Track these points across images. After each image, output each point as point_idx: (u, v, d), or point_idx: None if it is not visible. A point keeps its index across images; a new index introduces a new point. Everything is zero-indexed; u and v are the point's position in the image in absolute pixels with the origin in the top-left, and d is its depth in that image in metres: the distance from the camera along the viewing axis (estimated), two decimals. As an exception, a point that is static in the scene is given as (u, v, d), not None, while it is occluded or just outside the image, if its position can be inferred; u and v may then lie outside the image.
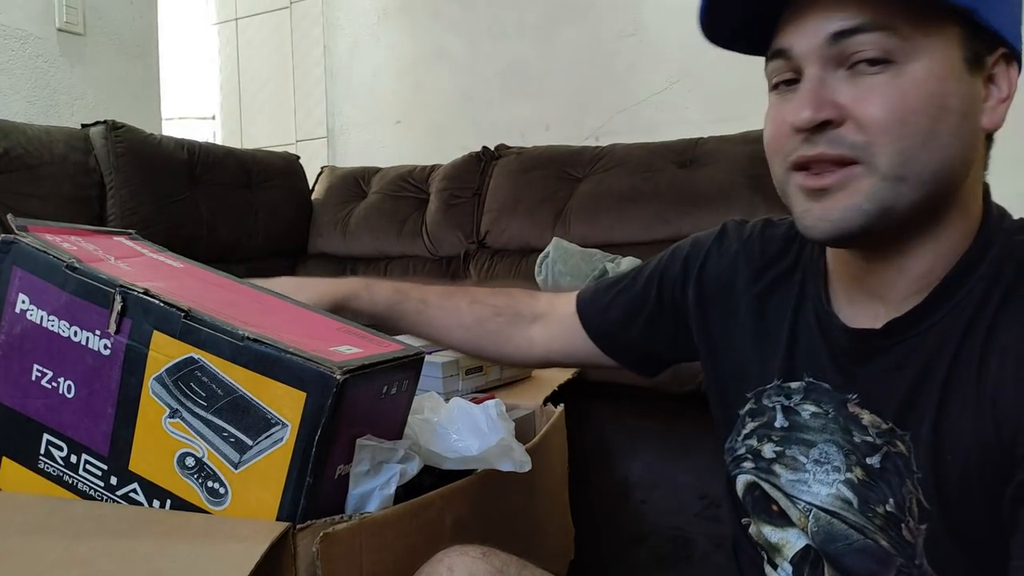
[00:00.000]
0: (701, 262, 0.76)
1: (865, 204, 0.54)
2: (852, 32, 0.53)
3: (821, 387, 0.64)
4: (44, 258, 0.65)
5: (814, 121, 0.54)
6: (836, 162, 0.54)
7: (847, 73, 0.54)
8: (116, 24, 2.39)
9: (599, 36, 2.48)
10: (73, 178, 1.97)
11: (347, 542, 0.58)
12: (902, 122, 0.53)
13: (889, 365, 0.60)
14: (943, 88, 0.54)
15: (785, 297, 0.69)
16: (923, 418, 0.58)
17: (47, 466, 0.66)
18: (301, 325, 0.68)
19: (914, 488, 0.58)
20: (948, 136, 0.54)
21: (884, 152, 0.53)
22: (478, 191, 2.42)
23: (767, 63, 0.59)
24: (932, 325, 0.58)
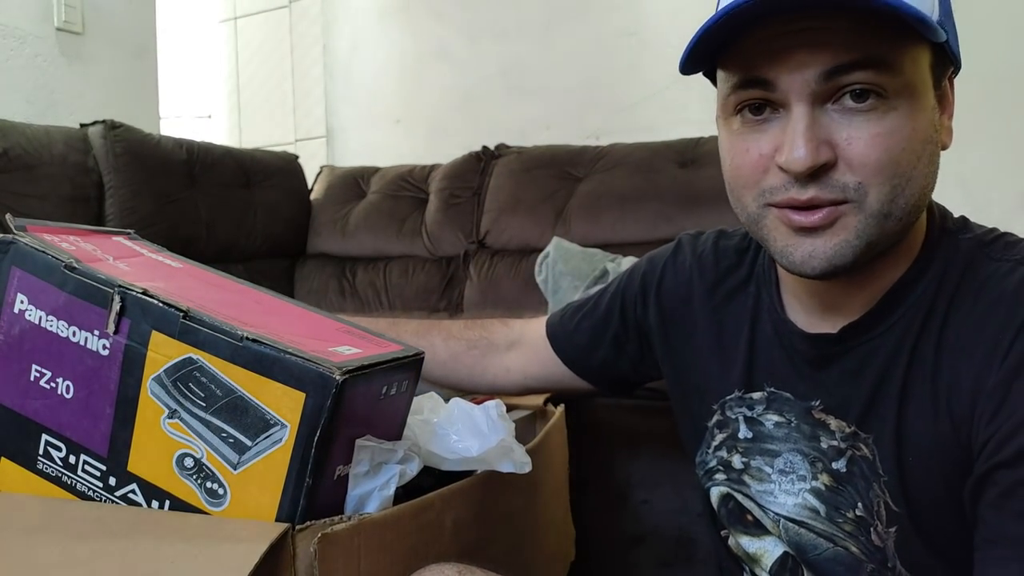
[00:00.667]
0: (658, 279, 0.77)
1: (854, 240, 0.53)
2: (848, 68, 0.51)
3: (782, 396, 0.64)
4: (43, 258, 0.64)
5: (814, 166, 0.51)
6: (828, 205, 0.53)
7: (835, 108, 0.52)
8: (115, 23, 2.38)
9: (599, 35, 2.48)
10: (72, 178, 1.97)
11: (345, 543, 0.58)
12: (893, 162, 0.52)
13: (848, 369, 0.60)
14: (924, 122, 0.53)
15: (741, 308, 0.69)
16: (884, 421, 0.58)
17: (46, 467, 0.65)
18: (301, 325, 0.68)
19: (881, 491, 0.58)
20: (926, 167, 0.55)
21: (875, 191, 0.52)
22: (478, 191, 2.42)
23: (732, 90, 0.55)
24: (887, 328, 0.59)
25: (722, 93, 0.58)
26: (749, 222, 0.58)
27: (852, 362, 0.60)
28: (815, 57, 0.51)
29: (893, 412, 0.57)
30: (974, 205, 2.45)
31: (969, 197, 2.00)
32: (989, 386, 0.52)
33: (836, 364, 0.61)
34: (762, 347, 0.66)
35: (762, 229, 0.57)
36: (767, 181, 0.55)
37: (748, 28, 0.53)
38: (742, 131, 0.56)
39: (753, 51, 0.53)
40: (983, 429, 0.52)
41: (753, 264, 0.70)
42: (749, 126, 0.55)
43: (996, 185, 1.96)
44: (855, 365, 0.60)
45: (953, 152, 2.00)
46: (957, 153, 2.34)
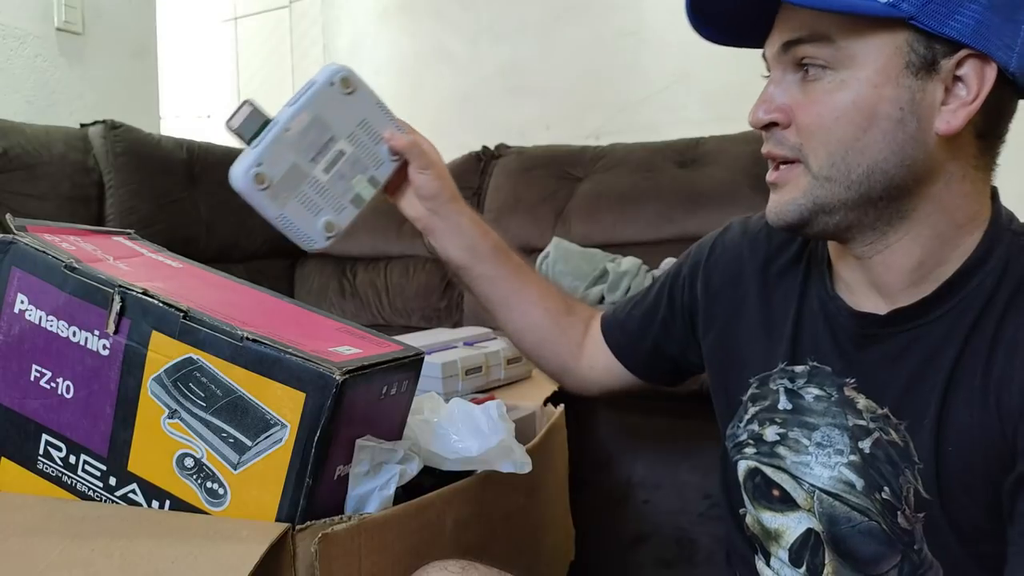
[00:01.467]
0: (707, 256, 0.79)
1: (801, 199, 0.59)
2: (795, 43, 0.58)
3: (824, 371, 0.66)
4: (43, 258, 0.64)
5: (760, 122, 0.61)
6: (782, 160, 0.61)
7: (798, 77, 0.59)
8: (115, 23, 2.38)
9: (599, 35, 2.48)
10: (72, 178, 1.97)
11: (346, 543, 0.58)
12: (826, 128, 0.57)
13: (890, 353, 0.61)
14: (873, 97, 0.56)
15: (791, 285, 0.71)
16: (924, 409, 0.59)
17: (46, 466, 0.65)
18: (300, 325, 0.68)
19: (914, 478, 0.59)
20: (879, 141, 0.57)
21: (814, 154, 0.58)
22: (478, 191, 2.42)
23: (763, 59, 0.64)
24: (938, 317, 0.60)
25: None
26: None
27: (895, 347, 0.61)
28: (779, 31, 0.60)
29: (936, 401, 0.58)
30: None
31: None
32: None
33: (878, 346, 0.62)
34: (807, 322, 0.68)
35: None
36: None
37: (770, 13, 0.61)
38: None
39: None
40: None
41: (804, 242, 0.72)
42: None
43: (995, 185, 1.95)
44: (897, 350, 0.61)
45: (953, 152, 1.92)
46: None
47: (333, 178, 0.75)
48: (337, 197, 0.76)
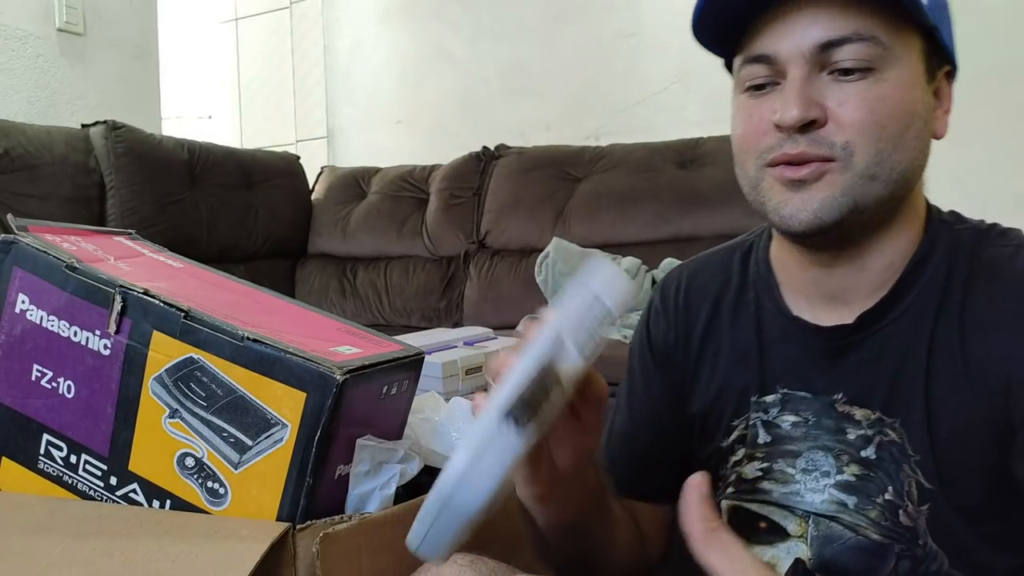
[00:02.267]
0: (647, 338, 0.76)
1: (840, 197, 0.57)
2: (840, 43, 0.56)
3: (796, 396, 0.65)
4: (44, 258, 0.64)
5: (803, 120, 0.56)
6: (816, 160, 0.57)
7: (828, 77, 0.57)
8: (116, 24, 2.39)
9: (599, 36, 2.49)
10: (73, 178, 1.97)
11: (346, 542, 0.58)
12: (879, 125, 0.56)
13: (867, 357, 0.62)
14: (912, 95, 0.58)
15: (746, 317, 0.70)
16: (911, 403, 0.60)
17: (47, 466, 0.65)
18: (301, 325, 0.68)
19: (912, 471, 0.60)
20: (914, 139, 0.58)
21: (861, 152, 0.56)
22: (478, 191, 2.42)
23: (741, 67, 0.61)
24: (901, 314, 0.61)
25: (735, 70, 0.63)
26: (750, 188, 0.62)
27: (870, 349, 0.62)
28: (811, 31, 0.56)
29: (920, 392, 0.59)
30: (972, 205, 2.44)
31: (967, 197, 1.99)
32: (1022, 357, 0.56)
33: (853, 353, 0.62)
34: (771, 350, 0.67)
35: (760, 193, 0.61)
36: (765, 142, 0.59)
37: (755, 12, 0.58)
38: (747, 103, 0.61)
39: (759, 30, 0.59)
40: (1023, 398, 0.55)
41: (745, 271, 0.71)
42: (754, 99, 0.60)
43: (994, 185, 1.96)
44: (873, 352, 0.62)
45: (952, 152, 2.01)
46: (956, 153, 2.35)
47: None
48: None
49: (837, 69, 0.56)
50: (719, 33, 0.61)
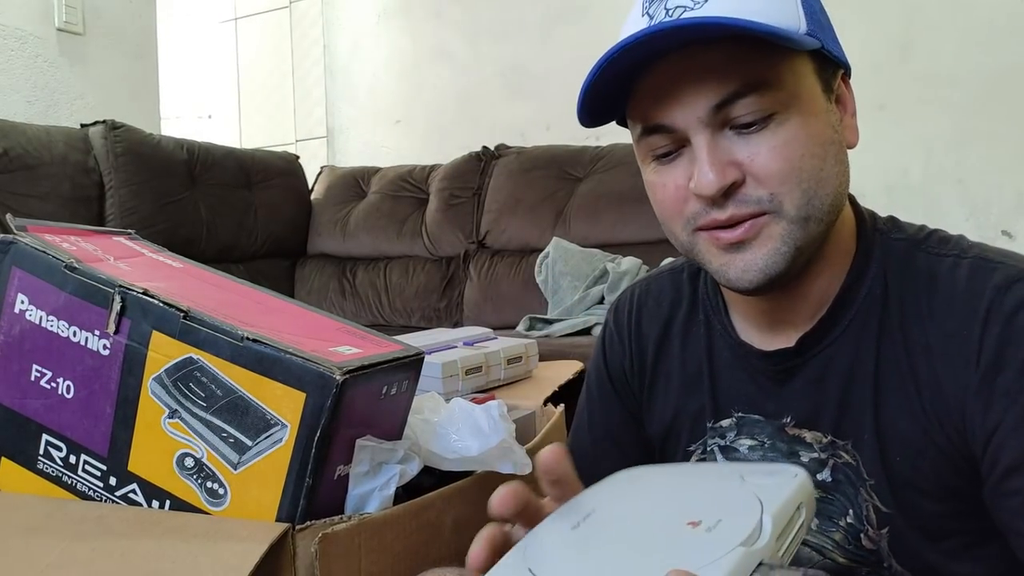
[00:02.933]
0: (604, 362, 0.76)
1: (782, 247, 0.55)
2: (732, 99, 0.53)
3: (751, 419, 0.65)
4: (43, 258, 0.64)
5: (722, 187, 0.54)
6: (747, 218, 0.55)
7: (732, 132, 0.55)
8: (115, 24, 2.38)
9: (599, 35, 2.48)
10: (72, 178, 1.97)
11: (346, 543, 0.58)
12: (797, 169, 0.54)
13: (811, 379, 0.61)
14: (819, 125, 0.55)
15: (696, 341, 0.69)
16: (861, 425, 0.59)
17: (46, 466, 0.65)
18: (301, 325, 0.68)
19: (869, 495, 0.59)
20: (834, 167, 0.56)
21: (788, 199, 0.54)
22: (478, 191, 2.42)
23: (640, 137, 0.58)
24: (842, 333, 0.60)
25: (634, 138, 0.61)
26: (685, 250, 0.60)
27: (814, 371, 0.61)
28: (701, 94, 0.54)
29: (870, 415, 0.58)
30: (973, 205, 2.46)
31: (968, 197, 2.00)
32: (973, 387, 0.53)
33: (798, 376, 0.62)
34: (723, 373, 0.67)
35: (697, 254, 0.59)
36: (689, 208, 0.57)
37: (637, 76, 0.55)
38: (658, 170, 0.59)
39: (646, 99, 0.56)
40: (978, 429, 0.53)
41: (695, 291, 0.71)
42: (663, 166, 0.58)
43: (995, 185, 1.96)
44: (817, 374, 0.61)
45: (953, 152, 2.02)
46: (956, 153, 2.35)
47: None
48: None
49: (738, 124, 0.54)
50: (603, 105, 0.58)
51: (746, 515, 0.36)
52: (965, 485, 0.55)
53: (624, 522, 0.40)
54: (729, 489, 0.39)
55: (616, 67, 0.54)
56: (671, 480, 0.45)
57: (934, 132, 2.01)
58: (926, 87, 2.01)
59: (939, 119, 2.00)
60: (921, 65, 2.03)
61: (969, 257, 0.57)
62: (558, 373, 1.27)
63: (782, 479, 0.40)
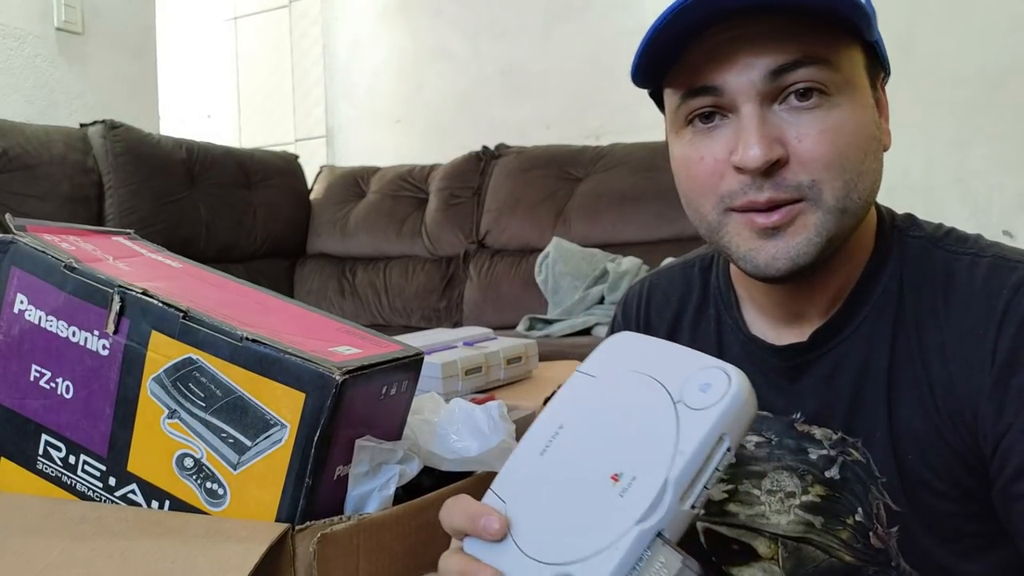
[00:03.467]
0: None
1: (815, 237, 0.54)
2: (792, 67, 0.52)
3: (760, 415, 0.64)
4: (42, 258, 0.64)
5: (768, 161, 0.52)
6: (786, 204, 0.54)
7: (781, 108, 0.53)
8: (115, 23, 2.38)
9: (599, 35, 2.48)
10: (71, 178, 1.97)
11: (344, 543, 0.58)
12: (843, 157, 0.53)
13: (823, 375, 0.60)
14: (866, 117, 0.55)
15: (706, 335, 0.68)
16: (874, 423, 0.58)
17: (45, 467, 0.65)
18: (300, 325, 0.68)
19: (880, 493, 0.58)
20: (873, 162, 0.55)
21: (829, 188, 0.53)
22: (478, 191, 2.42)
23: (681, 100, 0.56)
24: (855, 329, 0.59)
25: (671, 108, 0.59)
26: (710, 231, 0.58)
27: (826, 367, 0.60)
28: (759, 58, 0.52)
29: (883, 413, 0.58)
30: (974, 205, 2.46)
31: (969, 197, 2.00)
32: (987, 387, 0.53)
33: (809, 372, 0.61)
34: None
35: (723, 236, 0.57)
36: (724, 185, 0.55)
37: (690, 40, 0.54)
38: (694, 140, 0.56)
39: (698, 61, 0.54)
40: (990, 430, 0.53)
41: (705, 286, 0.70)
42: (701, 134, 0.56)
43: (996, 185, 1.96)
44: (829, 370, 0.60)
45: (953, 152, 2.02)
46: (957, 153, 2.35)
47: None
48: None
49: (793, 93, 0.52)
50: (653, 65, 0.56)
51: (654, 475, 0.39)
52: (978, 485, 0.55)
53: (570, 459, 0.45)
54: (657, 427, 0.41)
55: (673, 27, 0.52)
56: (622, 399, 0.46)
57: (934, 132, 2.01)
58: (927, 87, 2.01)
59: (939, 119, 2.00)
60: (922, 65, 2.03)
61: (988, 256, 0.56)
62: (558, 373, 1.27)
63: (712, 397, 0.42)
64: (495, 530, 0.45)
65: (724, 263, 0.69)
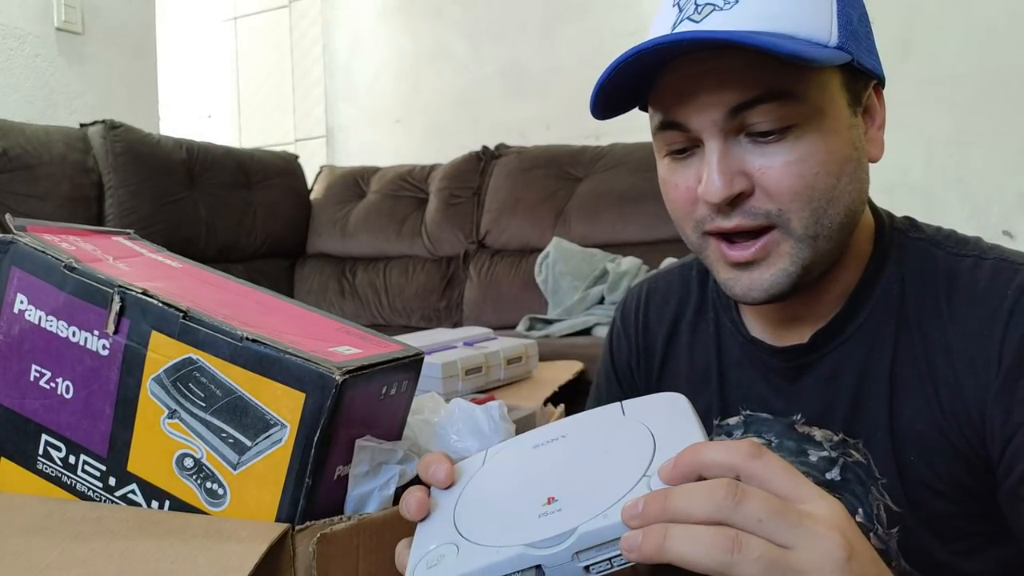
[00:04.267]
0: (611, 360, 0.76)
1: (790, 267, 0.55)
2: (750, 104, 0.52)
3: (760, 417, 0.64)
4: (42, 258, 0.64)
5: (728, 196, 0.53)
6: (753, 231, 0.55)
7: (747, 140, 0.54)
8: (115, 23, 2.38)
9: (599, 35, 2.48)
10: (71, 178, 1.97)
11: (344, 543, 0.58)
12: (808, 187, 0.53)
13: (824, 376, 0.61)
14: (838, 142, 0.54)
15: (704, 338, 0.69)
16: (875, 424, 0.58)
17: (45, 467, 0.65)
18: (300, 325, 0.68)
19: (880, 494, 0.58)
20: (848, 184, 0.55)
21: (796, 216, 0.53)
22: (478, 191, 2.42)
23: (657, 130, 0.58)
24: (857, 329, 0.59)
25: (652, 129, 0.60)
26: (695, 250, 0.61)
27: (827, 368, 0.60)
28: (719, 97, 0.53)
29: (885, 414, 0.58)
30: (974, 205, 2.46)
31: (969, 197, 2.00)
32: (993, 389, 0.53)
33: (810, 373, 0.61)
34: (731, 371, 0.66)
35: (706, 258, 0.59)
36: (698, 212, 0.57)
37: (658, 71, 0.55)
38: (671, 167, 0.59)
39: (666, 94, 0.56)
40: (997, 432, 0.53)
41: (704, 289, 0.70)
42: (676, 163, 0.58)
43: (996, 185, 1.96)
44: (830, 371, 0.60)
45: (953, 152, 2.02)
46: (957, 153, 2.35)
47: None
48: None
49: (753, 132, 0.53)
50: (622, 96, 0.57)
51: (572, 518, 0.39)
52: (979, 486, 0.55)
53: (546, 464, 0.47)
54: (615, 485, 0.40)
55: (635, 65, 0.53)
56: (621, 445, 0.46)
57: (934, 132, 2.01)
58: (926, 87, 2.01)
59: (939, 119, 2.00)
60: (921, 65, 2.03)
61: (991, 259, 0.57)
62: (558, 373, 1.27)
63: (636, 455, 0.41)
64: (440, 479, 0.48)
65: None
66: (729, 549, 0.32)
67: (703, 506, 0.34)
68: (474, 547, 0.41)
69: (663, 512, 0.35)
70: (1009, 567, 0.56)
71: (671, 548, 0.33)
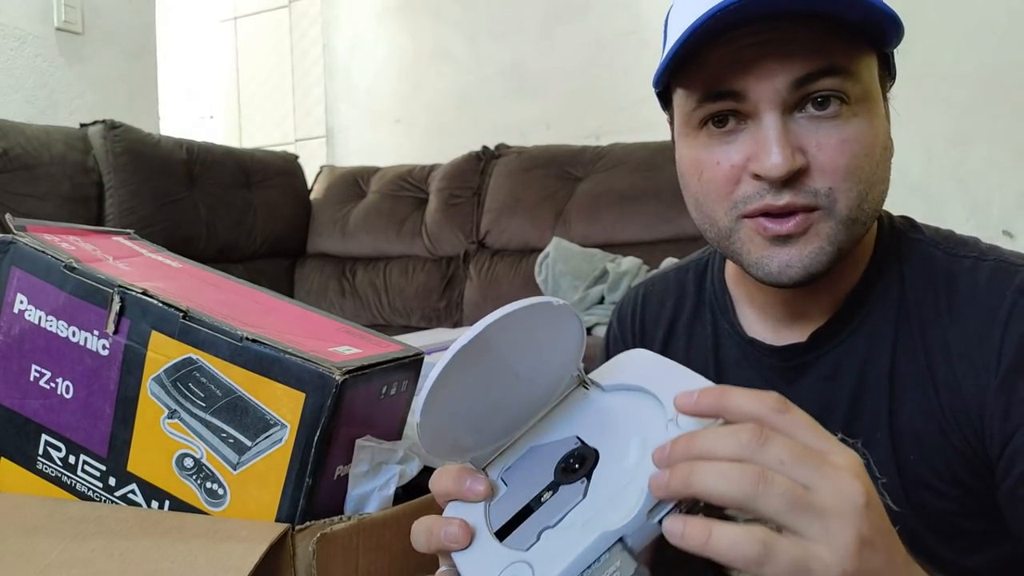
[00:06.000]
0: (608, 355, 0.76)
1: (827, 246, 0.54)
2: (815, 77, 0.51)
3: None
4: (42, 258, 0.64)
5: (791, 171, 0.51)
6: (801, 211, 0.53)
7: (802, 116, 0.53)
8: (115, 23, 2.38)
9: (599, 35, 2.48)
10: (71, 178, 1.97)
11: (344, 542, 0.58)
12: (859, 167, 0.53)
13: (823, 375, 0.60)
14: (881, 128, 0.55)
15: (701, 339, 0.68)
16: (875, 423, 0.58)
17: (45, 467, 0.65)
18: (300, 325, 0.68)
19: (880, 494, 0.58)
20: (884, 172, 0.56)
21: (843, 197, 0.53)
22: (478, 191, 2.42)
23: (698, 103, 0.55)
24: (857, 328, 0.59)
25: (685, 109, 0.57)
26: (719, 236, 0.58)
27: (826, 367, 0.60)
28: (785, 66, 0.51)
29: (884, 413, 0.58)
30: (974, 205, 2.46)
31: (969, 197, 2.00)
32: (992, 389, 0.53)
33: (809, 373, 0.61)
34: (729, 372, 0.66)
35: (735, 243, 0.57)
36: (739, 191, 0.55)
37: (711, 43, 0.53)
38: (709, 144, 0.56)
39: (719, 64, 0.53)
40: (996, 432, 0.53)
41: (700, 291, 0.70)
42: (716, 138, 0.55)
43: (996, 185, 1.96)
44: (830, 370, 0.60)
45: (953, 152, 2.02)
46: (957, 153, 2.36)
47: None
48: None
49: (811, 102, 0.52)
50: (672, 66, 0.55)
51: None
52: (980, 485, 0.55)
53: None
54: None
55: (705, 29, 0.51)
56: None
57: (934, 131, 2.01)
58: (926, 86, 2.01)
59: (939, 118, 2.00)
60: (921, 64, 2.03)
61: (990, 259, 0.57)
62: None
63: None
64: (480, 491, 0.45)
65: (719, 267, 0.69)
66: (755, 483, 0.34)
67: (729, 446, 0.35)
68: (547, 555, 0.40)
69: (689, 450, 0.36)
70: (1010, 563, 0.56)
71: (697, 482, 0.35)
